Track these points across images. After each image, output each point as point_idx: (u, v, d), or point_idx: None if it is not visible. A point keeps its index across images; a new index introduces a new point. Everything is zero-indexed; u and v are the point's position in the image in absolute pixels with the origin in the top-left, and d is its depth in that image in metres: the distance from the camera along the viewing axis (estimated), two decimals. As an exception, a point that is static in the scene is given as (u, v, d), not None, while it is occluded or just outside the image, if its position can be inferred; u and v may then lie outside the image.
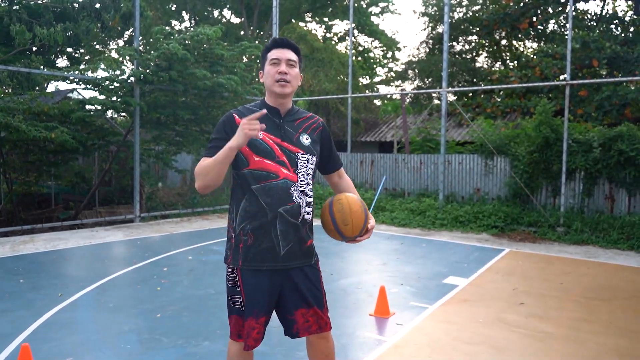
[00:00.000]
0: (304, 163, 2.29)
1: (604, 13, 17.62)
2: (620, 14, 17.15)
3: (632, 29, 16.36)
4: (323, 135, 2.44)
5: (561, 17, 18.41)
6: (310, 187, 2.33)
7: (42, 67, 10.41)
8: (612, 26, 16.99)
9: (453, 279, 6.03)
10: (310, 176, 2.33)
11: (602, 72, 14.51)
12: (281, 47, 2.31)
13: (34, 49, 13.35)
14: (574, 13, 16.61)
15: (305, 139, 2.33)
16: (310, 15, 25.81)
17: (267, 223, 2.22)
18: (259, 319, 2.27)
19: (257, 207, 2.22)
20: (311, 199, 2.33)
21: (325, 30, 27.28)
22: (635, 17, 15.86)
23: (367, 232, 2.37)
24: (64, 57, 17.23)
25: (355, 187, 2.66)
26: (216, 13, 24.61)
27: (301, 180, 2.27)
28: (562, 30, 18.79)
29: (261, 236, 2.23)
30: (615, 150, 9.10)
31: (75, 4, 11.86)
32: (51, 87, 16.86)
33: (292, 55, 2.31)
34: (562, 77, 14.26)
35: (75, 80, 10.39)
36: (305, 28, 25.53)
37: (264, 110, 2.15)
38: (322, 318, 2.39)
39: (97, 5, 12.15)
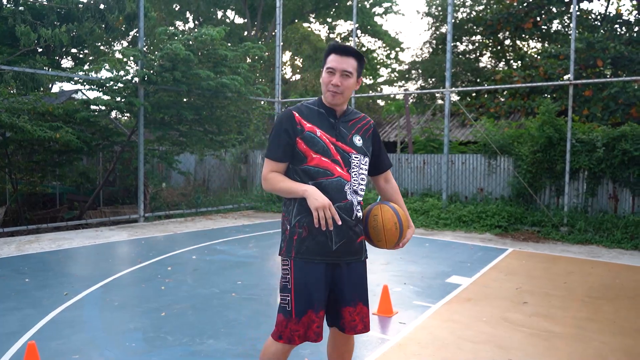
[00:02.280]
0: (357, 163, 2.35)
1: (608, 13, 17.58)
2: (625, 14, 17.12)
3: (636, 29, 16.32)
4: (374, 136, 2.49)
5: (565, 17, 18.38)
6: (362, 187, 2.38)
7: (46, 67, 10.45)
8: (617, 26, 16.96)
9: (456, 278, 6.04)
10: (362, 176, 2.38)
11: (606, 72, 14.48)
12: (339, 54, 2.31)
13: (39, 50, 13.43)
14: (577, 13, 16.59)
15: (358, 140, 2.38)
16: (313, 16, 25.83)
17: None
18: (318, 313, 2.30)
19: None
20: (361, 198, 2.38)
21: (328, 31, 27.30)
22: (638, 17, 15.82)
23: (401, 243, 2.46)
24: (69, 58, 17.32)
25: None
26: (220, 14, 24.67)
27: (354, 180, 2.33)
28: (566, 30, 18.76)
29: (315, 230, 2.27)
30: (619, 150, 9.09)
31: (79, 5, 11.91)
32: (56, 88, 16.93)
33: (349, 65, 2.30)
34: (565, 77, 14.24)
35: (79, 81, 10.43)
36: (308, 28, 25.58)
37: (339, 222, 2.24)
38: (367, 316, 2.44)
39: (102, 6, 12.21)
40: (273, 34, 20.64)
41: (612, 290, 5.60)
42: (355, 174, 2.33)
